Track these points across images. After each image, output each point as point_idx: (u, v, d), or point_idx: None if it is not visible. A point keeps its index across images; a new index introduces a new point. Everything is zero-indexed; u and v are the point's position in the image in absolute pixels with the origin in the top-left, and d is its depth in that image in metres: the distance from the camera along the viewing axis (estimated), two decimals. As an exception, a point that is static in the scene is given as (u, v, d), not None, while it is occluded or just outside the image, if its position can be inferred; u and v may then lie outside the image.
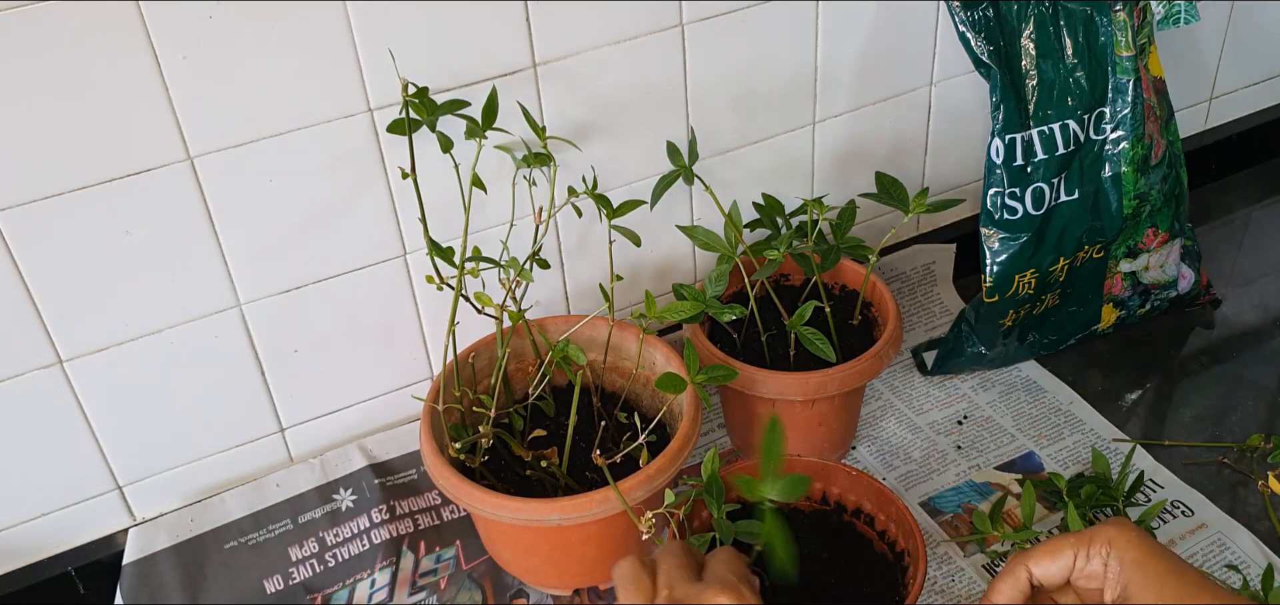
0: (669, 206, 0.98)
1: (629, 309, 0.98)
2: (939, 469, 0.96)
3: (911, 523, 0.76)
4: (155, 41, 0.73)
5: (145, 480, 0.89)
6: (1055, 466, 0.95)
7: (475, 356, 0.88)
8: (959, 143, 1.12)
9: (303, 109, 0.80)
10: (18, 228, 0.75)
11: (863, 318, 0.96)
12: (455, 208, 0.82)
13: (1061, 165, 0.96)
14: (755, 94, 0.97)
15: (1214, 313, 1.12)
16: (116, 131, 0.75)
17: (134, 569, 0.86)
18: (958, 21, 0.93)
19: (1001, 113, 0.94)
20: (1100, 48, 0.95)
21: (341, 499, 0.92)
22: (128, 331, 0.82)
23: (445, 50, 0.83)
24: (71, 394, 0.83)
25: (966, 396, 1.03)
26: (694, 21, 0.91)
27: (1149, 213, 1.01)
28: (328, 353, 0.91)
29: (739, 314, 0.85)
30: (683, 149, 0.91)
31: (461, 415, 0.86)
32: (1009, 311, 1.00)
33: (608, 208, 0.83)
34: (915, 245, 1.14)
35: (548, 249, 0.95)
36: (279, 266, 0.86)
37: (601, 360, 0.91)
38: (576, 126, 0.91)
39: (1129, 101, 0.96)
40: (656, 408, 0.90)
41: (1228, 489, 0.92)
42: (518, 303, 0.83)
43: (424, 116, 0.77)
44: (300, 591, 0.87)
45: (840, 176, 1.07)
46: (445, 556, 0.90)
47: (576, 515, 0.76)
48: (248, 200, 0.82)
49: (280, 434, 0.93)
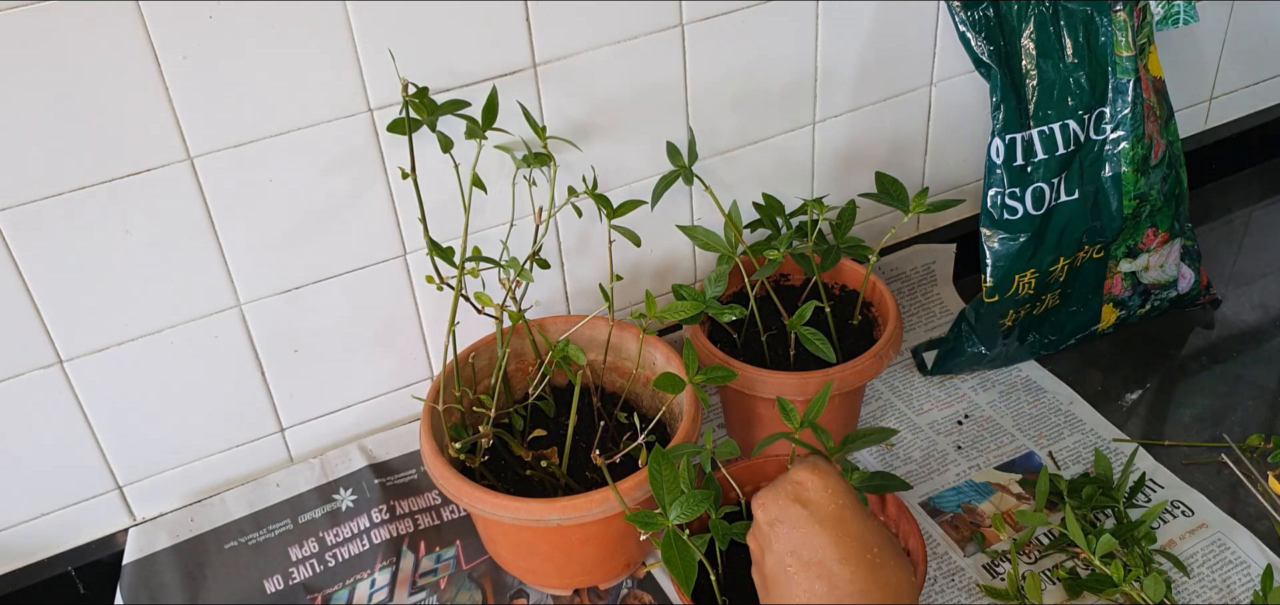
0: (669, 206, 0.98)
1: (629, 309, 0.98)
2: (939, 469, 0.96)
3: (911, 523, 0.76)
4: (155, 41, 0.73)
5: (145, 480, 0.89)
6: (1056, 467, 0.95)
7: (475, 356, 0.88)
8: (959, 143, 1.12)
9: (303, 109, 0.80)
10: (18, 227, 0.75)
11: (863, 318, 0.96)
12: (455, 208, 0.82)
13: (1061, 165, 0.96)
14: (755, 94, 0.97)
15: (1214, 313, 1.12)
16: (116, 131, 0.75)
17: (134, 569, 0.86)
18: (958, 21, 0.93)
19: (1001, 113, 0.94)
20: (1100, 48, 0.95)
21: (341, 499, 0.92)
22: (128, 331, 0.82)
23: (445, 50, 0.82)
24: (71, 394, 0.83)
25: (966, 396, 1.03)
26: (694, 22, 0.91)
27: (1149, 213, 1.01)
28: (328, 353, 0.91)
29: (739, 314, 0.85)
30: (683, 149, 0.91)
31: (461, 415, 0.86)
32: (1009, 311, 1.00)
33: (608, 208, 0.83)
34: (915, 245, 1.14)
35: (548, 249, 0.95)
36: (279, 266, 0.86)
37: (601, 360, 0.91)
38: (576, 126, 0.91)
39: (1129, 101, 0.96)
40: (656, 408, 0.90)
41: (1228, 489, 0.92)
42: (518, 303, 0.83)
43: (424, 116, 0.77)
44: (300, 591, 0.87)
45: (840, 176, 1.07)
46: (445, 556, 0.90)
47: (576, 515, 0.76)
48: (248, 200, 0.82)
49: (280, 434, 0.93)
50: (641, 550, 0.85)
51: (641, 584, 0.87)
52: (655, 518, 0.68)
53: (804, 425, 0.75)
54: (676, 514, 0.68)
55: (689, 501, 0.68)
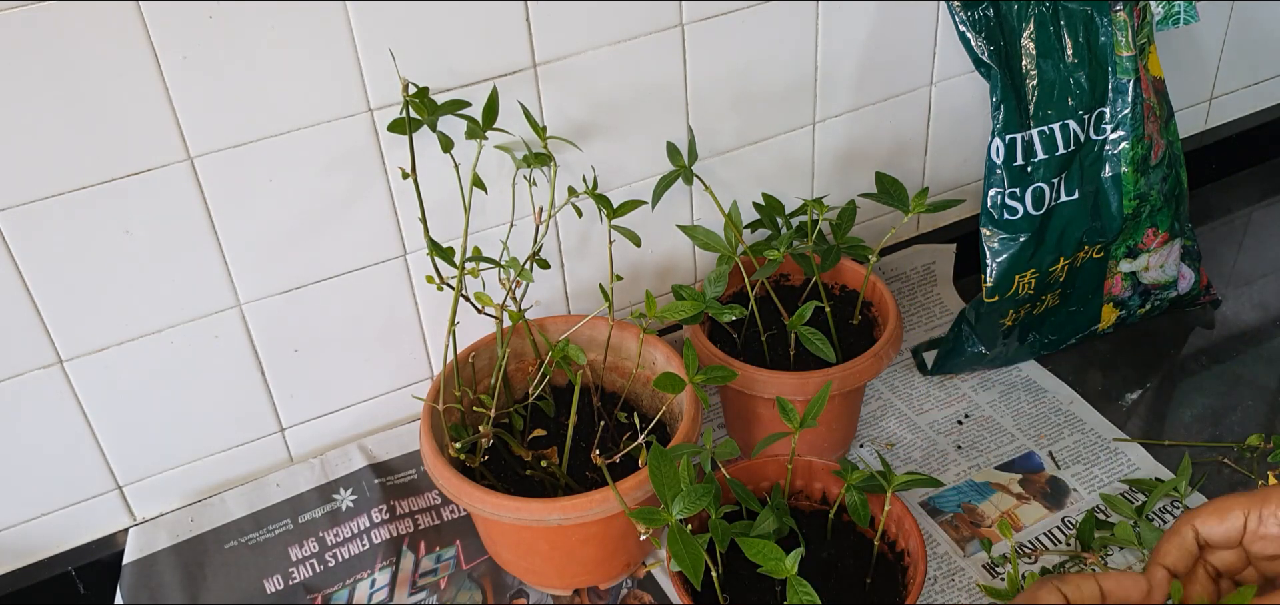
0: (669, 206, 0.98)
1: (629, 309, 0.98)
2: (939, 469, 0.96)
3: (911, 523, 0.76)
4: (155, 41, 0.73)
5: (145, 480, 0.89)
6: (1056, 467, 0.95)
7: (475, 356, 0.88)
8: (959, 143, 1.12)
9: (303, 109, 0.80)
10: (18, 227, 0.75)
11: (863, 318, 0.96)
12: (455, 207, 0.82)
13: (1061, 165, 0.96)
14: (755, 94, 0.97)
15: (1214, 313, 1.12)
16: (116, 131, 0.75)
17: (134, 569, 0.86)
18: (958, 21, 0.93)
19: (1001, 113, 0.94)
20: (1100, 48, 0.95)
21: (341, 499, 0.92)
22: (128, 331, 0.82)
23: (446, 50, 0.83)
24: (71, 394, 0.83)
25: (966, 396, 1.03)
26: (694, 21, 0.91)
27: (1149, 213, 1.01)
28: (328, 352, 0.91)
29: (738, 314, 0.85)
30: (683, 149, 0.91)
31: (461, 415, 0.86)
32: (1009, 311, 1.00)
33: (608, 208, 0.83)
34: (915, 245, 1.14)
35: (548, 249, 0.95)
36: (279, 266, 0.86)
37: (601, 360, 0.91)
38: (577, 126, 0.91)
39: (1129, 101, 0.96)
40: (656, 408, 0.90)
41: (1228, 489, 0.92)
42: (518, 303, 0.83)
43: (424, 116, 0.77)
44: (300, 591, 0.87)
45: (840, 176, 1.07)
46: (445, 556, 0.90)
47: (576, 515, 0.76)
48: (248, 200, 0.82)
49: (280, 434, 0.93)
50: (641, 550, 0.86)
51: (641, 584, 0.87)
52: (658, 514, 0.68)
53: (804, 425, 0.75)
54: (680, 509, 0.67)
55: (691, 497, 0.67)
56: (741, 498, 0.77)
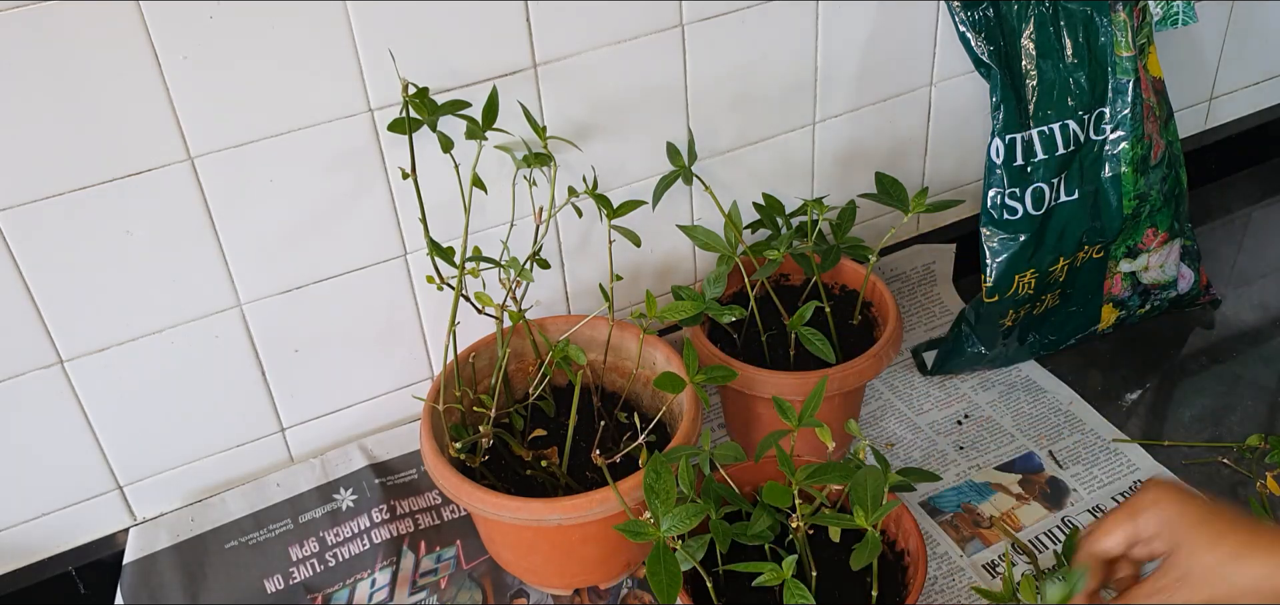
0: (669, 206, 0.98)
1: (629, 309, 0.98)
2: (939, 469, 0.96)
3: (911, 523, 0.76)
4: (155, 41, 0.73)
5: (145, 480, 0.89)
6: (1057, 467, 0.95)
7: (475, 356, 0.88)
8: (959, 143, 1.12)
9: (303, 109, 0.80)
10: (18, 227, 0.75)
11: (863, 318, 0.96)
12: (455, 208, 0.82)
13: (1061, 165, 0.96)
14: (755, 94, 0.97)
15: (1214, 313, 1.12)
16: (117, 131, 0.75)
17: (134, 569, 0.86)
18: (958, 21, 0.93)
19: (1001, 113, 0.94)
20: (1100, 48, 0.95)
21: (342, 499, 0.92)
22: (128, 331, 0.82)
23: (446, 50, 0.83)
24: (72, 394, 0.83)
25: (966, 396, 1.03)
26: (694, 21, 0.91)
27: (1149, 213, 1.01)
28: (328, 353, 0.91)
29: (738, 314, 0.85)
30: (683, 149, 0.91)
31: (462, 415, 0.86)
32: (1009, 311, 1.00)
33: (608, 208, 0.83)
34: (915, 245, 1.14)
35: (548, 249, 0.96)
36: (279, 266, 0.86)
37: (601, 360, 0.91)
38: (577, 126, 0.91)
39: (1129, 101, 0.96)
40: (656, 407, 0.90)
41: (1228, 489, 0.92)
42: (518, 303, 0.83)
43: (424, 116, 0.77)
44: (300, 591, 0.87)
45: (840, 176, 1.07)
46: (445, 556, 0.90)
47: (576, 515, 0.76)
48: (248, 200, 0.82)
49: (280, 434, 0.93)
50: (642, 550, 0.86)
51: (641, 584, 0.87)
52: (646, 529, 0.67)
53: (801, 423, 0.75)
54: (669, 527, 0.67)
55: (682, 515, 0.67)
56: (733, 501, 0.77)
